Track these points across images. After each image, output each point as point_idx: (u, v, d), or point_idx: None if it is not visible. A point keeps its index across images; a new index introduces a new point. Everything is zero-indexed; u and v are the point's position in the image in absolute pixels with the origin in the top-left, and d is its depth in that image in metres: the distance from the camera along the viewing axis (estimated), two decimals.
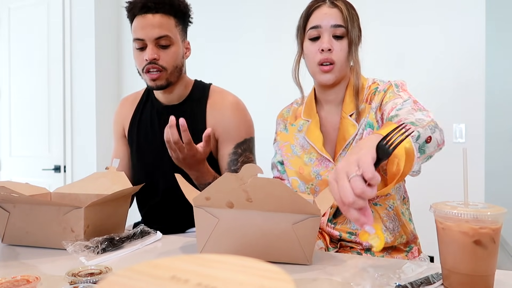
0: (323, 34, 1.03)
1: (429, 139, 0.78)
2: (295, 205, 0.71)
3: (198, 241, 0.82)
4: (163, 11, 1.18)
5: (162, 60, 1.18)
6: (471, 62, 2.12)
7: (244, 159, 1.25)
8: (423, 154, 0.77)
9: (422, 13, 2.20)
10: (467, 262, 0.60)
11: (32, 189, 1.02)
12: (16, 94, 3.02)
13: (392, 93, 1.01)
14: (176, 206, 1.25)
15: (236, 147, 1.25)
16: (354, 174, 0.62)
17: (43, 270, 0.75)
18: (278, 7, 2.52)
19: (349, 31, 1.02)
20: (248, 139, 1.28)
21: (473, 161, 2.04)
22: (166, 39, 1.18)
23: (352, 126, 1.04)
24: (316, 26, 1.04)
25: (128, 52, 2.99)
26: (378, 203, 1.04)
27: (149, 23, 1.17)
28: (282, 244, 0.74)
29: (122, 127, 1.38)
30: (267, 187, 0.71)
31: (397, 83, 1.05)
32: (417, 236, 1.11)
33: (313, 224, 0.73)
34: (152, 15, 1.17)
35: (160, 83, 1.20)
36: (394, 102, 0.97)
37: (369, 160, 0.63)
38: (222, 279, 0.28)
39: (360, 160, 0.63)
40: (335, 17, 1.02)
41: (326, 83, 1.06)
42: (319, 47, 1.03)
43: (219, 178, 0.73)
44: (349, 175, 0.62)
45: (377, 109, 1.03)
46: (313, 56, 1.05)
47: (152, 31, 1.16)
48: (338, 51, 1.02)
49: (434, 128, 0.80)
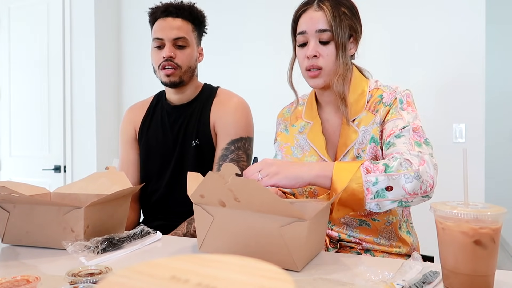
0: (309, 40, 1.02)
1: (389, 188, 0.84)
2: (277, 206, 0.70)
3: (197, 237, 0.84)
4: (183, 16, 1.31)
5: (178, 59, 1.30)
6: (471, 62, 2.12)
7: (235, 157, 1.28)
8: (384, 197, 0.85)
9: (422, 13, 2.20)
10: (467, 262, 0.60)
11: (32, 189, 1.02)
12: (16, 94, 3.02)
13: (395, 110, 0.99)
14: (179, 202, 1.28)
15: (230, 144, 1.30)
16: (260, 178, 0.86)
17: (43, 270, 0.75)
18: (280, 8, 2.52)
19: (335, 35, 0.99)
20: (245, 138, 1.31)
21: (473, 161, 2.04)
22: (183, 40, 1.30)
23: (353, 132, 1.03)
24: (302, 31, 1.02)
25: (128, 52, 2.99)
26: (377, 219, 1.04)
27: (169, 25, 1.29)
28: (271, 247, 0.74)
29: (134, 130, 1.44)
30: (246, 187, 0.71)
31: (402, 96, 1.01)
32: (419, 246, 1.10)
33: (300, 229, 0.71)
34: (173, 19, 1.30)
35: (173, 79, 1.30)
36: (395, 124, 0.97)
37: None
38: (222, 279, 0.28)
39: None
40: (321, 21, 1.00)
41: (316, 88, 1.06)
42: (306, 53, 1.02)
43: (206, 177, 0.74)
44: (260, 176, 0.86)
45: (380, 124, 1.01)
46: (302, 62, 1.05)
47: (171, 32, 1.29)
48: (325, 56, 1.01)
49: (412, 178, 0.85)
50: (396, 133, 0.95)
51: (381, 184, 0.84)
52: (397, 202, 0.87)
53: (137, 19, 2.93)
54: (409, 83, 2.14)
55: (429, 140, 0.95)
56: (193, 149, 1.32)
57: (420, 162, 0.86)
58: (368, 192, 0.84)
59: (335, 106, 1.09)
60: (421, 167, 0.85)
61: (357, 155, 1.02)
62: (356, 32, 1.04)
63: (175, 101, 1.39)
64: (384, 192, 0.85)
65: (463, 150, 0.65)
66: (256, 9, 2.61)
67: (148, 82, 2.77)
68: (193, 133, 1.33)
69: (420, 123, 0.98)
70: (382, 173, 0.84)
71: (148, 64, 1.46)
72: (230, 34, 2.65)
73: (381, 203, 0.86)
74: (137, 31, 2.92)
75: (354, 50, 1.07)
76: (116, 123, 2.95)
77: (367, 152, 1.00)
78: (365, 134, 1.02)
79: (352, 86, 1.05)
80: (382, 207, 0.87)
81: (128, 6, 2.99)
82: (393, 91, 1.03)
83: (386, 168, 0.85)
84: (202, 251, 0.84)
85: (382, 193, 0.85)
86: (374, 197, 0.85)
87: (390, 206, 0.87)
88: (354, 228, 1.04)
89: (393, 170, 0.84)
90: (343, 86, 1.01)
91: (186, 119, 1.35)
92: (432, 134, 2.07)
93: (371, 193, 0.85)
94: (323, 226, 0.84)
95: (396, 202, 0.86)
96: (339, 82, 1.01)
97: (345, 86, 1.02)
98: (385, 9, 2.28)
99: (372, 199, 0.85)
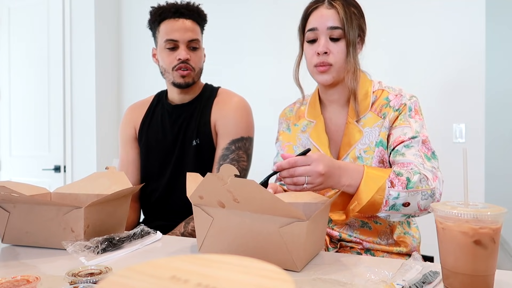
0: (320, 37, 1.02)
1: (407, 204, 0.88)
2: (276, 207, 0.70)
3: (197, 238, 0.84)
4: (193, 17, 1.32)
5: (192, 61, 1.31)
6: (471, 62, 2.12)
7: (235, 157, 1.28)
8: (397, 211, 0.89)
9: (422, 13, 2.20)
10: (467, 262, 0.60)
11: (32, 189, 1.02)
12: (16, 94, 3.02)
13: (404, 117, 1.00)
14: (179, 202, 1.28)
15: (230, 143, 1.30)
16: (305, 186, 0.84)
17: (43, 270, 0.75)
18: (282, 8, 2.52)
19: (346, 33, 1.00)
20: (245, 137, 1.31)
21: (473, 161, 2.04)
22: (196, 42, 1.32)
23: (358, 132, 1.03)
24: (313, 28, 1.03)
25: (128, 52, 2.99)
26: (379, 222, 1.05)
27: (183, 26, 1.29)
28: (271, 248, 0.74)
29: (134, 129, 1.45)
30: (246, 188, 0.71)
31: (411, 103, 1.02)
32: (419, 246, 1.10)
33: (300, 229, 0.71)
34: (185, 20, 1.30)
35: (188, 81, 1.32)
36: (403, 131, 0.99)
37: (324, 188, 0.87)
38: (222, 279, 0.28)
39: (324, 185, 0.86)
40: (332, 18, 1.01)
41: (324, 84, 1.06)
42: (316, 49, 1.02)
43: (204, 178, 0.74)
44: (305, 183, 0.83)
45: (388, 128, 1.01)
46: (310, 58, 1.05)
47: (186, 34, 1.29)
48: (335, 53, 1.02)
49: (427, 196, 0.89)
50: (406, 143, 0.97)
51: (401, 199, 0.88)
52: (406, 216, 0.91)
53: (137, 19, 2.93)
54: (410, 83, 2.14)
55: (436, 153, 0.99)
56: (194, 148, 1.32)
57: (434, 178, 0.90)
58: (386, 204, 0.88)
59: (339, 105, 1.09)
60: (435, 183, 0.90)
61: (358, 155, 1.02)
62: (363, 32, 1.06)
63: (177, 101, 1.39)
64: (400, 207, 0.89)
65: (463, 150, 0.65)
66: (256, 9, 2.61)
67: (148, 82, 2.77)
68: (193, 133, 1.33)
69: (427, 133, 1.00)
70: (404, 189, 0.87)
71: (148, 64, 1.46)
72: (231, 34, 2.65)
73: (393, 214, 0.91)
74: (137, 31, 2.92)
75: (360, 50, 1.08)
76: (116, 123, 2.95)
77: (374, 156, 1.01)
78: (369, 136, 1.02)
79: (359, 85, 1.07)
80: (391, 218, 0.92)
81: (128, 6, 2.99)
82: (399, 94, 1.03)
83: (408, 183, 0.88)
84: (202, 252, 0.84)
85: (398, 207, 0.89)
86: (389, 209, 0.89)
87: (399, 219, 0.92)
88: (355, 230, 1.05)
89: (413, 186, 0.88)
90: (355, 83, 1.04)
91: (187, 118, 1.36)
92: (432, 134, 2.07)
93: (388, 205, 0.88)
94: (322, 226, 0.84)
95: (405, 216, 0.91)
96: (352, 78, 1.03)
97: (356, 83, 1.04)
98: (385, 9, 2.28)
99: (387, 210, 0.89)
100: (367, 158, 1.01)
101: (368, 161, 1.01)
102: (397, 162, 0.96)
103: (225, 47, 2.65)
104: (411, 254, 1.05)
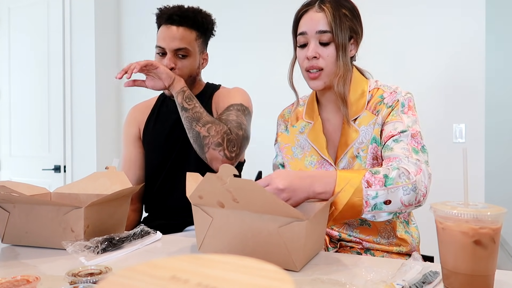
0: (310, 41, 1.02)
1: (388, 201, 0.86)
2: (275, 207, 0.70)
3: (197, 238, 0.84)
4: (187, 24, 1.29)
5: (178, 69, 1.29)
6: (471, 62, 2.12)
7: (236, 117, 1.25)
8: (381, 210, 0.88)
9: (422, 13, 2.20)
10: (467, 262, 0.60)
11: (32, 189, 1.02)
12: (16, 94, 3.02)
13: (396, 112, 1.00)
14: (181, 201, 1.28)
15: (230, 106, 1.29)
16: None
17: (43, 270, 0.75)
18: (283, 7, 2.52)
19: (335, 36, 0.99)
20: (245, 106, 1.31)
21: (473, 161, 2.04)
22: (184, 51, 1.28)
23: (354, 131, 1.03)
24: (302, 32, 1.03)
25: (128, 52, 2.99)
26: None
27: (172, 34, 1.27)
28: (270, 247, 0.74)
29: (138, 128, 1.45)
30: (245, 188, 0.71)
31: (404, 100, 1.01)
32: (419, 246, 1.10)
33: (299, 229, 0.71)
34: (176, 28, 1.28)
35: None
36: (394, 127, 0.98)
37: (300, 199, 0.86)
38: (222, 279, 0.28)
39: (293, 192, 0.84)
40: (321, 22, 1.00)
41: (316, 89, 1.06)
42: (306, 54, 1.02)
43: (203, 179, 0.74)
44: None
45: (381, 125, 1.01)
46: (302, 62, 1.05)
47: (173, 43, 1.27)
48: (325, 57, 1.01)
49: (409, 190, 0.87)
50: (395, 137, 0.96)
51: (380, 198, 0.86)
52: (392, 214, 0.90)
53: (137, 19, 2.93)
54: (409, 83, 2.14)
55: (425, 147, 0.97)
56: None
57: (417, 171, 0.89)
58: (367, 204, 0.86)
59: (336, 105, 1.09)
60: (417, 177, 0.88)
61: (356, 154, 1.02)
62: (356, 33, 1.04)
63: None
64: (382, 205, 0.87)
65: (463, 150, 0.65)
66: (258, 9, 2.61)
67: None
68: None
69: (419, 128, 0.99)
70: (382, 186, 0.86)
71: None
72: (230, 34, 2.65)
73: (377, 214, 0.89)
74: (137, 31, 2.92)
75: (354, 51, 1.07)
76: (116, 123, 2.96)
77: (368, 152, 1.01)
78: (365, 134, 1.02)
79: (352, 86, 1.06)
80: (377, 218, 0.90)
81: (128, 6, 2.99)
82: (394, 91, 1.03)
83: (386, 180, 0.86)
84: (202, 251, 0.84)
85: (380, 206, 0.87)
86: (372, 209, 0.87)
87: (386, 218, 0.90)
88: (355, 228, 1.05)
89: (392, 182, 0.86)
90: (344, 87, 1.02)
91: None
92: (432, 134, 2.08)
93: (370, 205, 0.87)
94: (322, 226, 0.84)
95: (391, 214, 0.90)
96: (340, 83, 1.01)
97: (345, 87, 1.02)
98: (385, 10, 2.28)
99: (370, 211, 0.87)
100: (365, 157, 1.01)
101: (365, 159, 1.01)
102: (386, 158, 0.95)
103: (225, 47, 2.65)
104: (411, 254, 1.05)
